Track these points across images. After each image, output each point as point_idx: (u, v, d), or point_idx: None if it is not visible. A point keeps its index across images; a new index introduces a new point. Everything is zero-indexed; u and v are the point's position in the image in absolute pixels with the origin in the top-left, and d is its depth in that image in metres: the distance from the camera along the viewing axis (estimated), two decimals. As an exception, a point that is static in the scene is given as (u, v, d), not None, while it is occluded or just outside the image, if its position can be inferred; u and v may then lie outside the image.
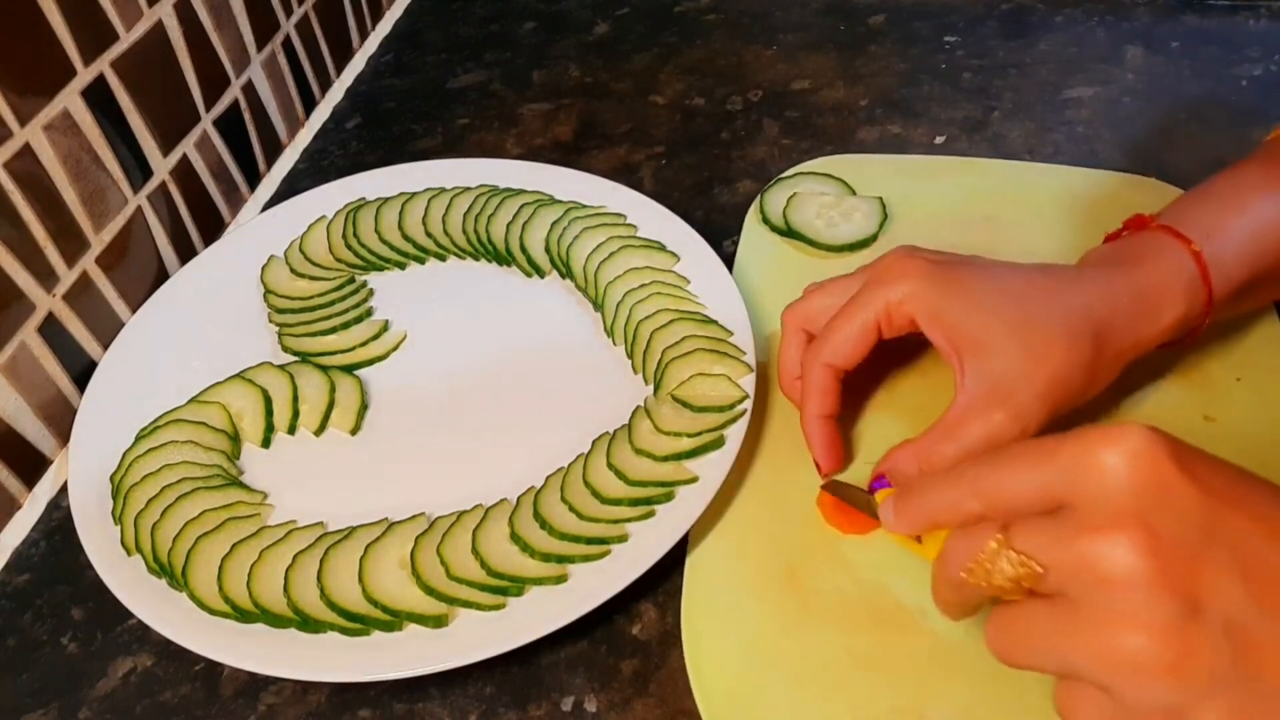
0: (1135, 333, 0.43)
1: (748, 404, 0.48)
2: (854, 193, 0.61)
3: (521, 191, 0.62)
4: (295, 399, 0.52)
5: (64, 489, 0.53)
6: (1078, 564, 0.28)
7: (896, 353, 0.50)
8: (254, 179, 0.70)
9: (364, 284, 0.59)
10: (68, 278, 0.53)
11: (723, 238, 0.62)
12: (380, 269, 0.60)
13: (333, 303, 0.57)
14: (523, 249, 0.59)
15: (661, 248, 0.57)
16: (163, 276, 0.60)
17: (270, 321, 0.57)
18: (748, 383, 0.49)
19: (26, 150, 0.49)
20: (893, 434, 0.48)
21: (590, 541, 0.44)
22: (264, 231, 0.62)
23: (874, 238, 0.59)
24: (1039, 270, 0.44)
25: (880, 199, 0.60)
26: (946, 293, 0.43)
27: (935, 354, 0.52)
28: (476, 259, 0.60)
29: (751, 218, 0.61)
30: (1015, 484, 0.31)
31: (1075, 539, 0.28)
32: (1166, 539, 0.27)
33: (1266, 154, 0.47)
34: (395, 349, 0.56)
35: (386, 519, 0.46)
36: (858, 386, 0.50)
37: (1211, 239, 0.44)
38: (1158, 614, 0.27)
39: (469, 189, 0.63)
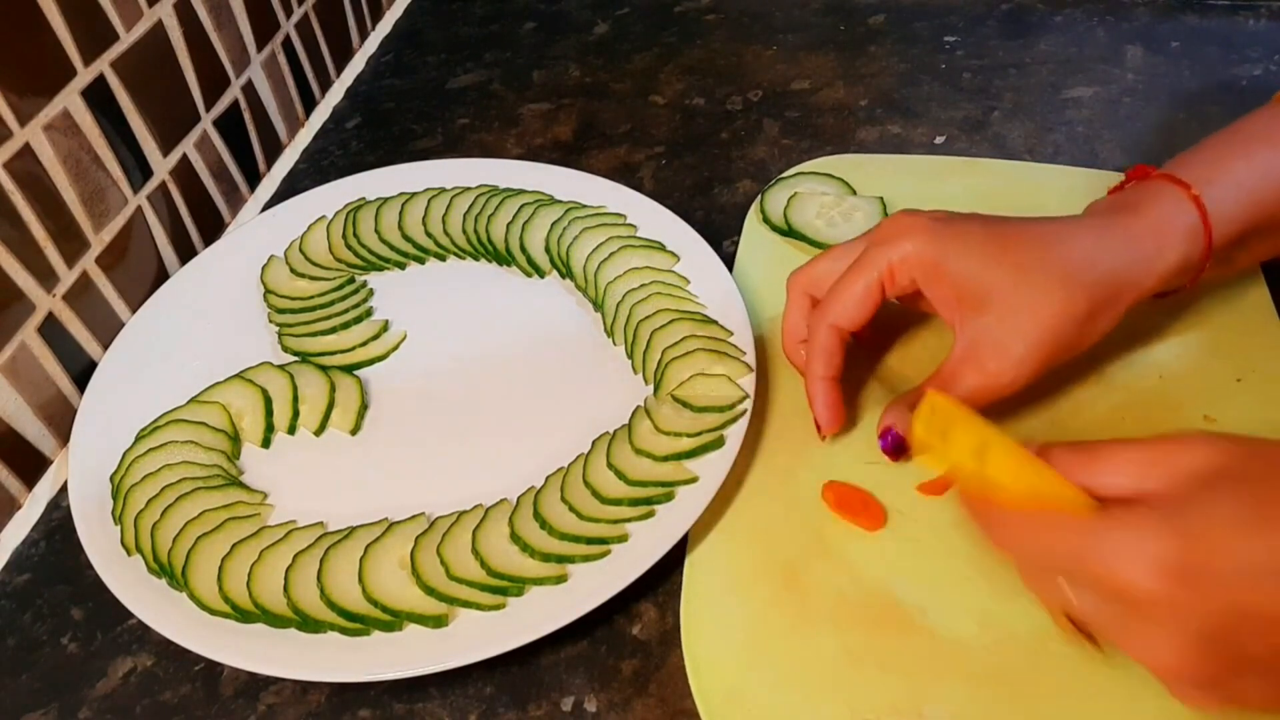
0: (1133, 279, 0.43)
1: (748, 404, 0.48)
2: (854, 192, 0.61)
3: (521, 191, 0.62)
4: (295, 399, 0.52)
5: (64, 489, 0.53)
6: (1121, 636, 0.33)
7: (899, 333, 0.51)
8: (254, 179, 0.70)
9: (364, 284, 0.59)
10: (68, 278, 0.53)
11: (723, 238, 0.62)
12: (380, 269, 0.60)
13: (333, 303, 0.57)
14: (523, 249, 0.59)
15: (661, 248, 0.57)
16: (163, 276, 0.60)
17: (270, 321, 0.57)
18: (748, 383, 0.49)
19: (26, 150, 0.49)
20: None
21: (590, 541, 0.44)
22: (264, 231, 0.62)
23: (874, 238, 0.59)
24: (1037, 222, 0.44)
25: (881, 199, 0.60)
26: (945, 247, 0.43)
27: (936, 334, 0.52)
28: (476, 259, 0.60)
29: (752, 217, 0.61)
30: (1046, 548, 0.34)
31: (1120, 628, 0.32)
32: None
33: (1271, 110, 0.47)
34: (395, 349, 0.56)
35: (386, 519, 0.46)
36: (859, 364, 0.51)
37: (1212, 185, 0.44)
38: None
39: (469, 189, 0.63)
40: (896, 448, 0.45)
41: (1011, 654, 0.40)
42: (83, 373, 0.54)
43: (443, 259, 0.61)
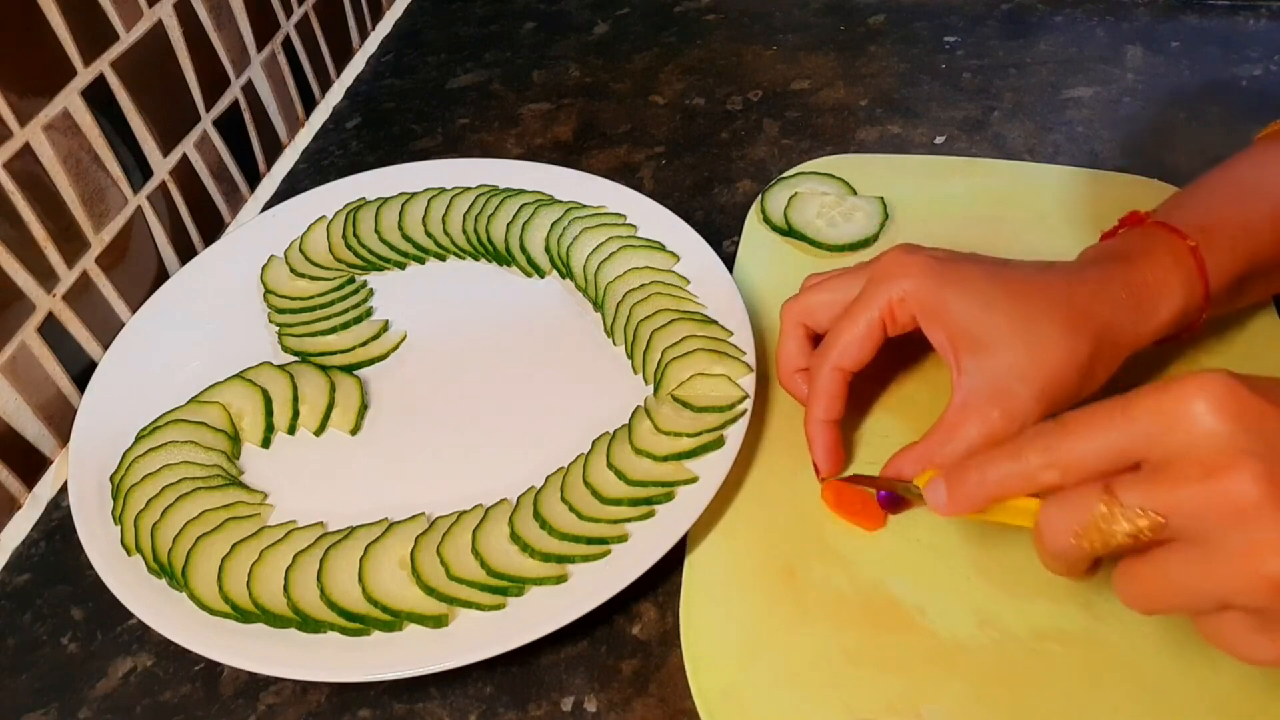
0: (1133, 328, 0.43)
1: (748, 404, 0.48)
2: (855, 192, 0.61)
3: (521, 191, 0.62)
4: (295, 399, 0.52)
5: (64, 489, 0.53)
6: (1203, 506, 0.29)
7: (897, 353, 0.50)
8: (254, 179, 0.70)
9: (364, 284, 0.59)
10: (68, 278, 0.53)
11: (723, 238, 0.62)
12: (380, 269, 0.60)
13: (333, 303, 0.57)
14: (523, 249, 0.59)
15: (661, 248, 0.57)
16: (163, 276, 0.60)
17: (270, 321, 0.57)
18: (748, 383, 0.49)
19: (26, 150, 0.49)
20: (893, 434, 0.49)
21: (590, 541, 0.44)
22: (264, 231, 0.62)
23: (875, 238, 0.59)
24: (1038, 268, 0.44)
25: (881, 199, 0.60)
26: (945, 289, 0.43)
27: (935, 355, 0.52)
28: (476, 259, 0.60)
29: (752, 217, 0.61)
30: (1093, 449, 0.32)
31: (1193, 485, 0.29)
32: (1277, 465, 0.29)
33: (1261, 149, 0.48)
34: (395, 349, 0.56)
35: (386, 519, 0.46)
36: (857, 386, 0.50)
37: (1206, 233, 0.44)
38: None
39: (469, 189, 0.63)
40: (895, 503, 0.45)
41: (1009, 654, 0.40)
42: (83, 373, 0.54)
43: (443, 259, 0.61)
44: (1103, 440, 0.32)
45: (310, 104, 0.76)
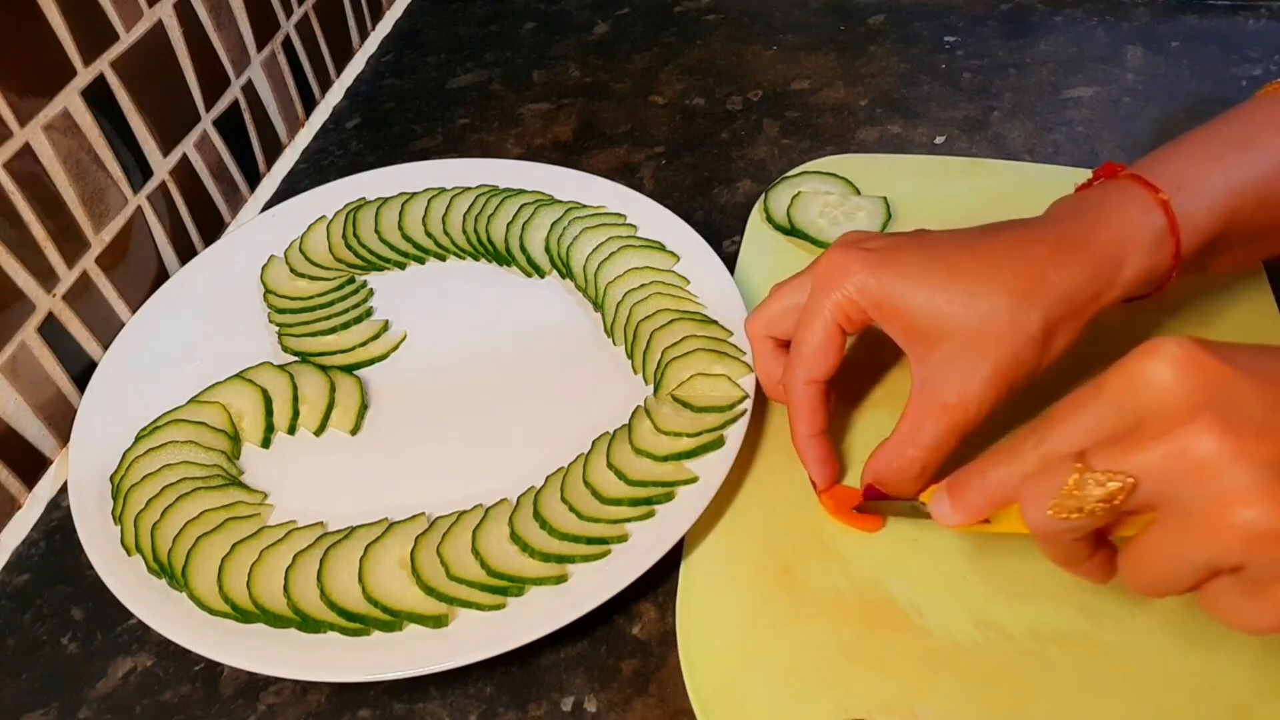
0: (1093, 292, 0.41)
1: (748, 404, 0.48)
2: (858, 192, 0.61)
3: (521, 191, 0.62)
4: (295, 399, 0.52)
5: (64, 489, 0.53)
6: (1165, 463, 0.30)
7: (882, 347, 0.50)
8: (254, 179, 0.70)
9: (364, 284, 0.59)
10: (68, 278, 0.53)
11: (723, 238, 0.62)
12: (380, 269, 0.60)
13: (333, 303, 0.57)
14: (523, 249, 0.59)
15: (661, 248, 0.57)
16: (163, 276, 0.60)
17: (270, 321, 0.57)
18: (748, 383, 0.49)
19: (26, 150, 0.49)
20: (886, 429, 0.48)
21: (590, 541, 0.44)
22: (264, 231, 0.62)
23: (875, 237, 0.59)
24: (985, 236, 0.43)
25: (884, 199, 0.60)
26: (887, 282, 0.41)
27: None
28: (476, 259, 0.60)
29: (755, 216, 0.61)
30: (1073, 429, 0.32)
31: (1154, 442, 0.30)
32: (1234, 419, 0.29)
33: (1253, 105, 0.46)
34: (395, 349, 0.56)
35: (386, 519, 0.46)
36: (845, 383, 0.50)
37: (1182, 189, 0.42)
38: (1255, 483, 0.28)
39: (469, 189, 0.63)
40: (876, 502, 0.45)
41: (1005, 654, 0.41)
42: (83, 373, 0.54)
43: (443, 259, 0.61)
44: (1079, 419, 0.32)
45: (310, 104, 0.76)
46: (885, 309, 0.42)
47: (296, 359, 0.55)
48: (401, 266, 0.60)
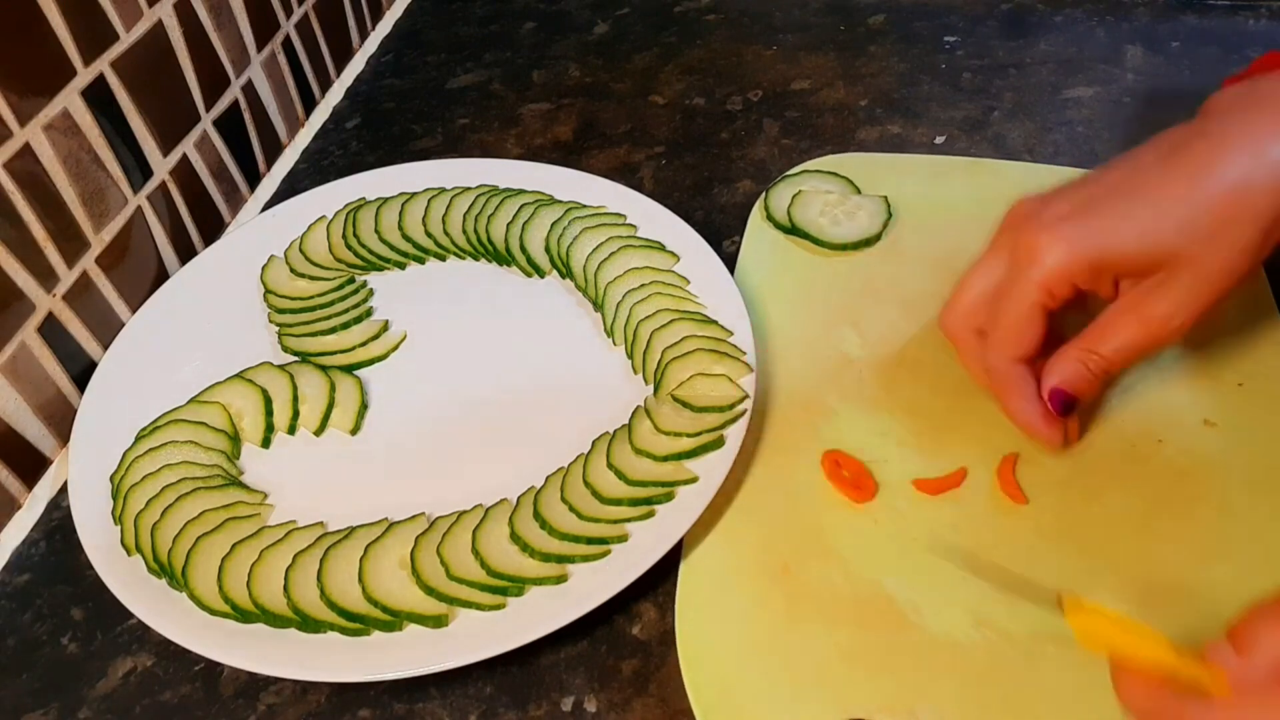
0: None
1: (748, 404, 0.48)
2: (859, 191, 0.61)
3: (521, 191, 0.62)
4: (295, 399, 0.52)
5: (64, 489, 0.53)
6: None
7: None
8: (254, 179, 0.70)
9: (364, 284, 0.59)
10: (68, 278, 0.53)
11: (723, 238, 0.62)
12: (380, 269, 0.60)
13: (333, 303, 0.57)
14: (523, 249, 0.59)
15: (661, 248, 0.57)
16: (163, 276, 0.60)
17: (270, 321, 0.57)
18: (748, 383, 0.49)
19: (26, 150, 0.49)
20: (891, 431, 0.49)
21: (590, 541, 0.44)
22: (264, 231, 0.62)
23: (878, 237, 0.59)
24: (1175, 152, 0.41)
25: (885, 198, 0.60)
26: (1094, 242, 0.41)
27: (933, 353, 0.52)
28: (476, 259, 0.60)
29: (755, 215, 0.61)
30: None
31: None
32: None
33: None
34: (395, 349, 0.56)
35: (386, 519, 0.46)
36: (854, 389, 0.50)
37: None
38: None
39: (469, 189, 0.63)
40: (1066, 407, 0.44)
41: (1004, 654, 0.40)
42: (83, 373, 0.54)
43: (443, 259, 0.61)
44: None
45: (310, 104, 0.76)
46: (1098, 271, 0.41)
47: (296, 359, 0.55)
48: (401, 266, 0.60)
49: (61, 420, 0.54)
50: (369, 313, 0.57)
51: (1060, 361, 0.44)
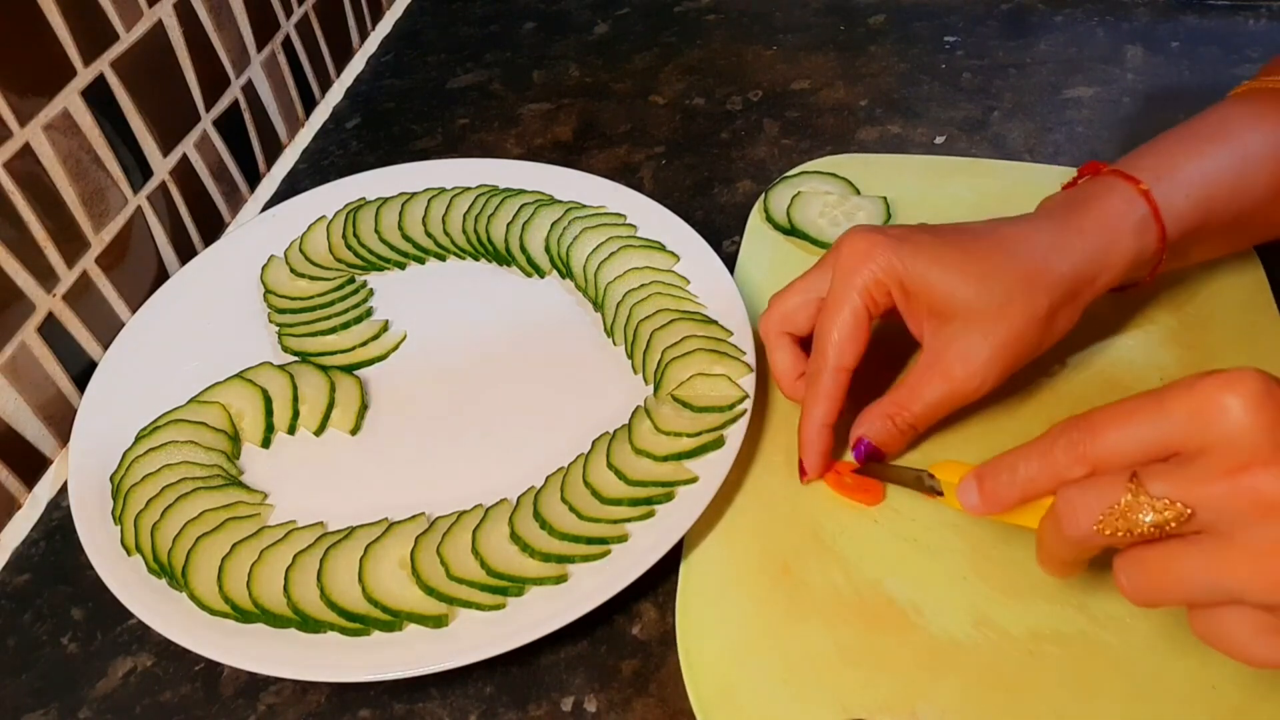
0: (1089, 275, 0.44)
1: (748, 404, 0.48)
2: (858, 192, 0.61)
3: (521, 191, 0.62)
4: (295, 399, 0.52)
5: (64, 489, 0.53)
6: (1230, 500, 0.30)
7: (879, 348, 0.51)
8: (254, 179, 0.70)
9: (364, 284, 0.59)
10: (68, 278, 0.53)
11: (723, 238, 0.62)
12: (380, 269, 0.60)
13: (333, 303, 0.57)
14: (523, 249, 0.59)
15: (661, 248, 0.57)
16: (163, 276, 0.60)
17: (270, 321, 0.57)
18: (748, 383, 0.49)
19: (26, 150, 0.49)
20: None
21: (590, 541, 0.44)
22: (264, 231, 0.62)
23: (875, 237, 0.59)
24: (991, 227, 0.45)
25: (884, 198, 0.60)
26: (910, 262, 0.43)
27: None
28: (476, 259, 0.60)
29: (755, 216, 0.61)
30: (1125, 441, 0.32)
31: (1223, 477, 0.30)
32: None
33: (1228, 103, 0.48)
34: (395, 349, 0.56)
35: (386, 519, 0.46)
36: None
37: (1161, 180, 0.44)
38: None
39: (469, 189, 0.63)
40: (870, 456, 0.45)
41: (1005, 654, 0.40)
42: (83, 373, 0.54)
43: (443, 259, 0.61)
44: (1134, 433, 0.32)
45: (310, 104, 0.76)
46: (909, 288, 0.44)
47: (296, 359, 0.55)
48: (401, 266, 0.60)
49: (61, 420, 0.54)
50: (369, 313, 0.57)
51: (869, 417, 0.46)
